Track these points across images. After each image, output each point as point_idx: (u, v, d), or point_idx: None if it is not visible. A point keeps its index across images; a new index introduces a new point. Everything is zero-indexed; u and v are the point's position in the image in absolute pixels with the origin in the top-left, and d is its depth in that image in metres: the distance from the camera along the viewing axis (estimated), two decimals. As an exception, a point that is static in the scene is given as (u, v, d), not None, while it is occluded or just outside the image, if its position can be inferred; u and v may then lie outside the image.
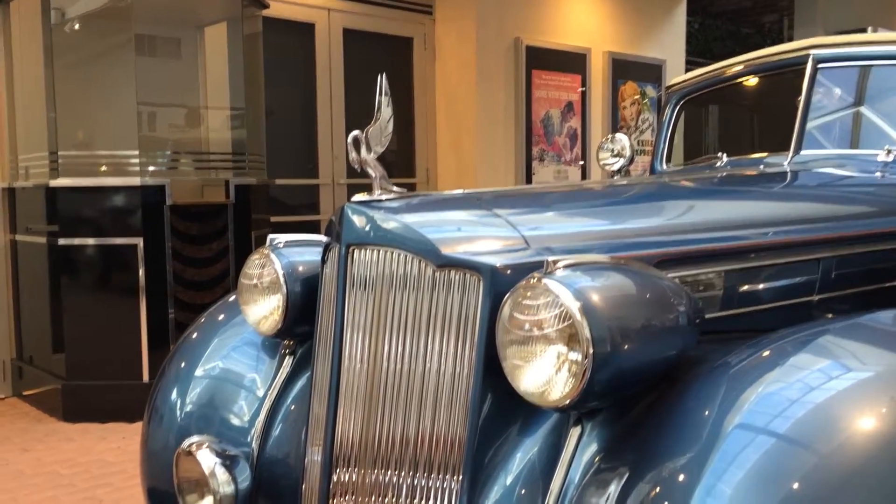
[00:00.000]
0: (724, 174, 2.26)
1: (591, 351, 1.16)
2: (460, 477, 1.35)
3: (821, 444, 1.07)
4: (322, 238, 1.71)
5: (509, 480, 1.33)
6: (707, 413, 1.15)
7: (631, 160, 2.97)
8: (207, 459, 1.65)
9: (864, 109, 2.56)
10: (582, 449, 1.25)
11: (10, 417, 4.42)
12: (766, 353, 1.23)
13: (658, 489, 1.11)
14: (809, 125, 2.54)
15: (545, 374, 1.20)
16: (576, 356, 1.18)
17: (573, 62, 6.97)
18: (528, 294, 1.22)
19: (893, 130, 2.48)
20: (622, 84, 7.50)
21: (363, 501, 1.45)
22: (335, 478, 1.49)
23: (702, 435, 1.12)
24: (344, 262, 1.48)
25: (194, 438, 1.69)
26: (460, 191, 1.67)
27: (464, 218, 1.50)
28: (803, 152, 2.49)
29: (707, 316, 1.50)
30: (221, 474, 1.65)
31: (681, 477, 1.09)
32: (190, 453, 1.66)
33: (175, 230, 4.39)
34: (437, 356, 1.40)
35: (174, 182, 4.47)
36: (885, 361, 1.20)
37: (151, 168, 4.61)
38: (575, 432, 1.26)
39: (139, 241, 4.30)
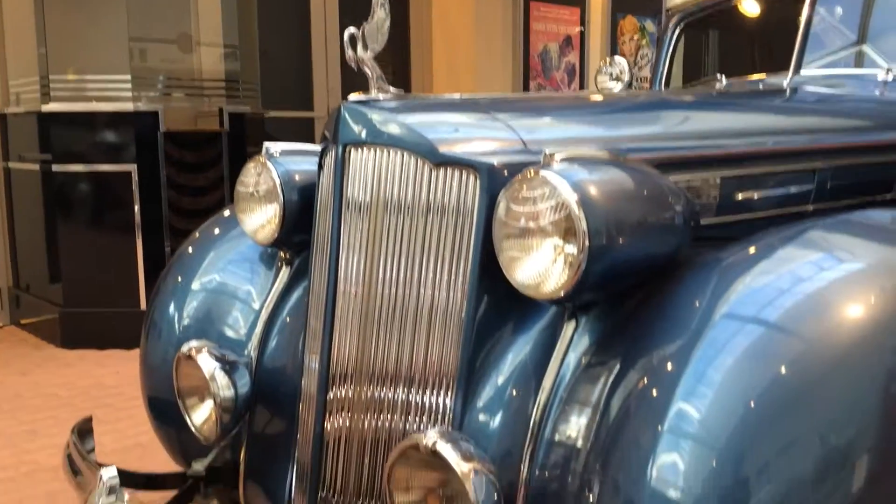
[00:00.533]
0: (723, 90, 2.24)
1: (586, 243, 1.16)
2: (454, 383, 1.37)
3: (809, 330, 1.09)
4: (319, 147, 1.70)
5: (501, 381, 1.35)
6: (697, 304, 1.17)
7: (630, 84, 2.94)
8: (207, 363, 1.67)
9: (865, 29, 2.53)
10: (576, 343, 1.27)
11: (8, 344, 4.46)
12: (757, 247, 1.25)
13: (648, 378, 1.13)
14: (809, 45, 2.51)
15: (541, 265, 1.21)
16: (572, 248, 1.18)
17: (573, -6, 6.85)
18: (525, 187, 1.22)
19: (894, 50, 2.46)
20: (621, 18, 7.38)
21: (359, 418, 1.47)
22: (331, 395, 1.50)
23: (691, 325, 1.14)
24: (340, 162, 1.48)
25: (193, 343, 1.70)
26: (458, 95, 1.65)
27: (462, 120, 1.49)
28: (803, 72, 2.47)
29: (702, 222, 1.51)
30: (221, 378, 1.67)
31: (670, 365, 1.11)
32: (190, 357, 1.67)
33: (169, 157, 4.37)
34: (433, 263, 1.40)
35: (167, 109, 4.43)
36: (875, 253, 1.22)
37: (144, 95, 4.56)
38: (570, 327, 1.27)
39: (133, 169, 4.28)
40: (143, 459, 2.77)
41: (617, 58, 2.96)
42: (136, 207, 4.30)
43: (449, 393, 1.38)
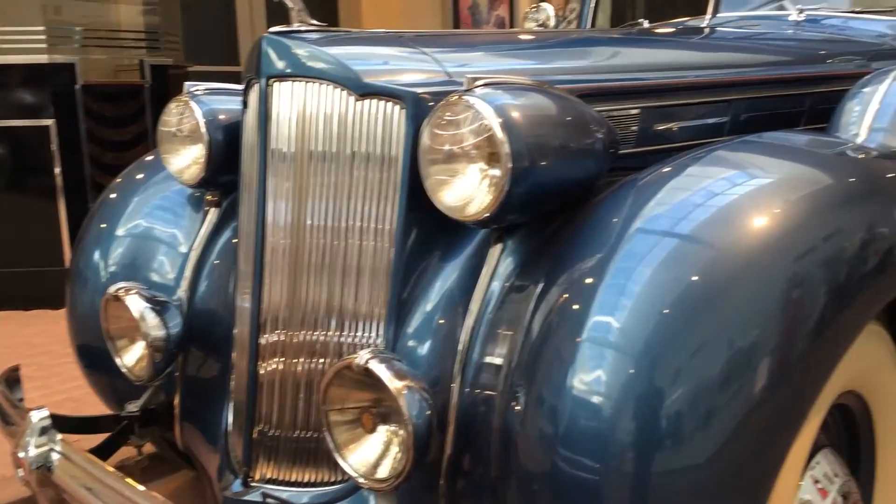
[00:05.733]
0: (646, 30, 2.30)
1: (510, 165, 1.20)
2: (384, 318, 1.39)
3: (718, 241, 1.15)
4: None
5: (430, 308, 1.38)
6: (615, 221, 1.22)
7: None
8: (136, 304, 1.65)
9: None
10: (502, 265, 1.31)
11: (-74, 308, 4.29)
12: (670, 167, 1.31)
13: (569, 294, 1.18)
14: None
15: (466, 188, 1.25)
16: (495, 171, 1.22)
17: (500, -54, 6.82)
18: (448, 112, 1.25)
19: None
20: (550, -29, 7.39)
21: (292, 360, 1.48)
22: (263, 339, 1.50)
23: (609, 241, 1.19)
24: (264, 97, 1.46)
25: (122, 284, 1.69)
26: (383, 30, 1.66)
27: (387, 52, 1.50)
28: (720, 14, 2.55)
29: (623, 151, 1.56)
30: (151, 318, 1.66)
31: (589, 280, 1.16)
32: (118, 298, 1.66)
33: (89, 111, 4.22)
34: (361, 198, 1.41)
35: (84, 61, 4.26)
36: (779, 169, 1.29)
37: (59, 47, 4.38)
38: (496, 249, 1.31)
39: (51, 124, 4.13)
40: (75, 413, 2.73)
41: (543, 4, 3.00)
42: (57, 163, 4.16)
43: (380, 327, 1.41)
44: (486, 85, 1.25)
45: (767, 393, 1.12)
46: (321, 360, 1.46)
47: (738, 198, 1.20)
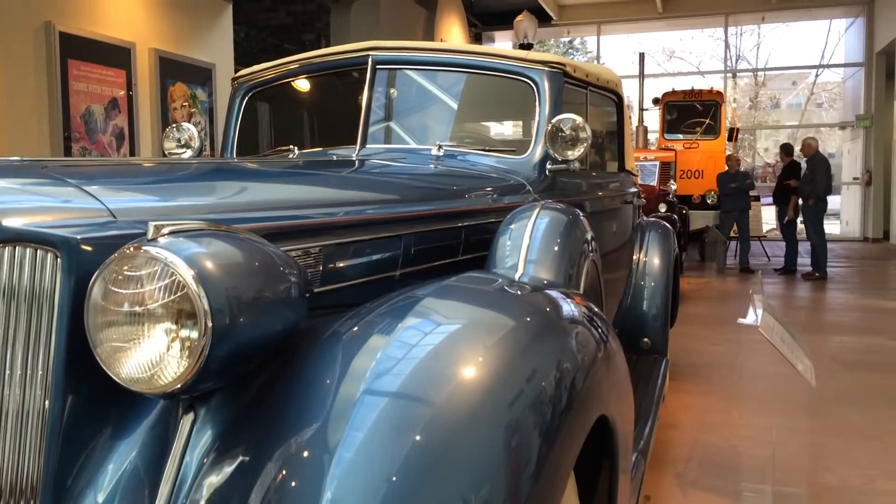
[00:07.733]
0: (304, 161, 2.27)
1: (209, 324, 1.03)
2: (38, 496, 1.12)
3: (434, 396, 1.09)
4: None
5: (104, 496, 1.13)
6: (327, 382, 1.11)
7: (200, 151, 2.84)
8: None
9: (419, 108, 2.82)
10: (196, 439, 1.11)
11: None
12: (373, 319, 1.24)
13: (287, 468, 1.04)
14: (372, 122, 2.71)
15: (153, 355, 1.04)
16: (189, 332, 1.04)
17: (117, 56, 6.47)
18: (127, 266, 1.04)
19: (442, 128, 2.79)
20: (171, 84, 7.21)
21: None
22: None
23: (323, 407, 1.08)
24: None
25: None
26: (17, 158, 1.37)
27: (27, 187, 1.22)
28: (368, 146, 2.65)
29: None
30: None
31: (307, 452, 1.04)
32: None
33: None
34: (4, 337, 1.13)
35: None
36: (468, 315, 1.29)
37: None
38: (187, 420, 1.12)
39: None
40: None
41: (185, 125, 2.84)
42: None
43: None
44: (171, 233, 1.08)
45: None
46: None
47: (446, 350, 1.16)
